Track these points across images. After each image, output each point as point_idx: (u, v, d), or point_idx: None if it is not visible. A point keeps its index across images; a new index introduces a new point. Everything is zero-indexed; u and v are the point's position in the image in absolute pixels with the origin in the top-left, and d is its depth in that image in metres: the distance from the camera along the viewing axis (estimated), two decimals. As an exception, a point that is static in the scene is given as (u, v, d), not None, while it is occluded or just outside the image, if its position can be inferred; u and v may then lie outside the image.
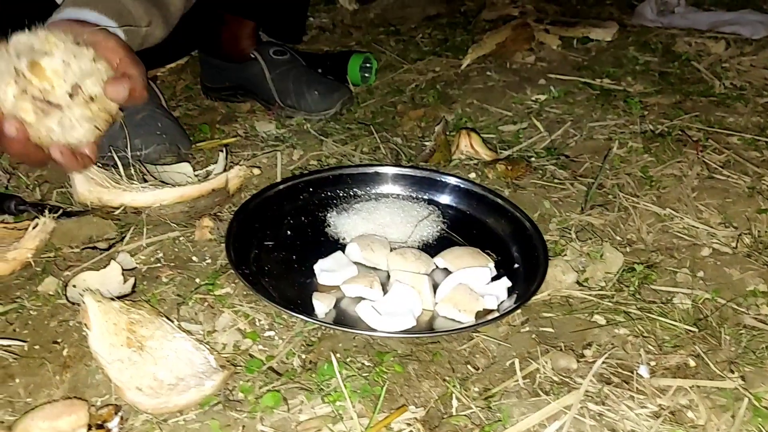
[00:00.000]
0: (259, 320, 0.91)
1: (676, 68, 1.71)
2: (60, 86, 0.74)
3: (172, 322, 0.85)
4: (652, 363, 0.83)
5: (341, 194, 1.17)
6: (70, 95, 0.74)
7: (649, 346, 0.86)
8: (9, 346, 0.83)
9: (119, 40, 0.83)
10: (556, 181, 1.22)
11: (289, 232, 1.07)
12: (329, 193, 1.16)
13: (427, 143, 1.38)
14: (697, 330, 0.88)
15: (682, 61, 1.75)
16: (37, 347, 0.85)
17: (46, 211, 0.99)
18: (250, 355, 0.85)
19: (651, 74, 1.68)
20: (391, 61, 1.84)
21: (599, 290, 0.96)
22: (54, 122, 0.75)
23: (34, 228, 0.96)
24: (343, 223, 1.09)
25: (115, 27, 0.86)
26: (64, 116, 0.75)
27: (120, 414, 0.73)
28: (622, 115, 1.46)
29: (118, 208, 1.05)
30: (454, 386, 0.80)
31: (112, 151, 1.15)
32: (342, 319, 0.90)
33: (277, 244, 1.04)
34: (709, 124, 1.41)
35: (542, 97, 1.57)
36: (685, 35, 1.90)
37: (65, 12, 0.85)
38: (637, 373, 0.81)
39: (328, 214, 1.12)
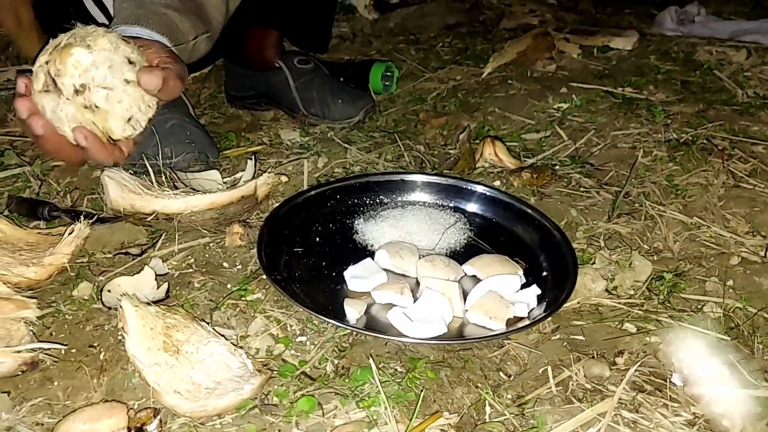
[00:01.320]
0: (291, 326, 0.91)
1: (697, 77, 1.71)
2: (71, 77, 0.75)
3: (207, 326, 0.86)
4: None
5: (368, 202, 1.18)
6: (75, 91, 0.75)
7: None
8: (47, 349, 0.84)
9: (164, 46, 0.85)
10: (581, 189, 1.23)
11: (317, 239, 1.08)
12: (356, 201, 1.17)
13: (451, 151, 1.39)
14: (729, 339, 0.88)
15: (704, 70, 1.75)
16: (74, 351, 0.86)
17: (81, 217, 1.00)
18: (283, 360, 0.86)
19: (673, 83, 1.68)
20: (412, 69, 1.86)
21: (629, 298, 0.96)
22: (48, 102, 0.76)
23: (69, 234, 0.97)
24: (370, 230, 1.10)
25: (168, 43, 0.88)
26: (57, 104, 0.76)
27: (159, 417, 0.74)
28: (645, 123, 1.47)
29: (150, 215, 1.06)
30: (487, 393, 0.80)
31: (144, 159, 1.17)
32: (373, 325, 0.91)
33: (306, 251, 1.05)
34: (733, 133, 1.41)
35: (564, 106, 1.57)
36: (705, 44, 1.90)
37: (118, 29, 0.87)
38: (670, 381, 0.81)
39: (356, 221, 1.13)
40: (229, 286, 0.98)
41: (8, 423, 0.76)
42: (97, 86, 0.75)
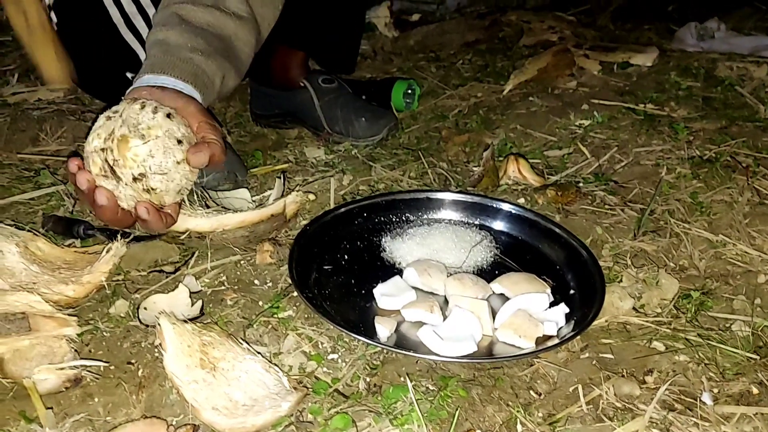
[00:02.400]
0: (322, 343, 0.93)
1: (719, 93, 1.72)
2: (131, 168, 0.83)
3: (241, 344, 0.88)
4: (715, 390, 0.84)
5: (394, 219, 1.19)
6: (134, 179, 0.83)
7: (711, 373, 0.87)
8: (89, 366, 0.86)
9: (198, 105, 0.90)
10: (606, 207, 1.24)
11: (346, 257, 1.10)
12: (383, 219, 1.19)
13: (474, 168, 1.41)
14: (758, 357, 0.89)
15: (725, 86, 1.75)
16: (112, 367, 0.88)
17: (119, 236, 1.03)
18: (316, 378, 0.87)
19: (694, 99, 1.69)
20: (433, 87, 1.88)
21: (656, 316, 0.97)
22: (106, 184, 0.84)
23: (107, 253, 1.00)
24: (398, 247, 1.12)
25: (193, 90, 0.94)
26: (117, 188, 0.84)
27: (198, 433, 0.76)
28: (667, 140, 1.47)
29: (183, 233, 1.09)
30: (518, 411, 0.81)
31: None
32: (404, 343, 0.92)
33: (335, 269, 1.07)
34: (756, 150, 1.41)
35: (586, 123, 1.59)
36: (726, 60, 1.90)
37: (145, 78, 0.91)
38: (700, 400, 0.82)
39: (383, 239, 1.14)
40: (260, 303, 1.00)
41: (52, 439, 0.78)
42: (153, 173, 0.84)
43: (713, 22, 2.15)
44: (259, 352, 0.88)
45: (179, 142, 0.85)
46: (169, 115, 0.85)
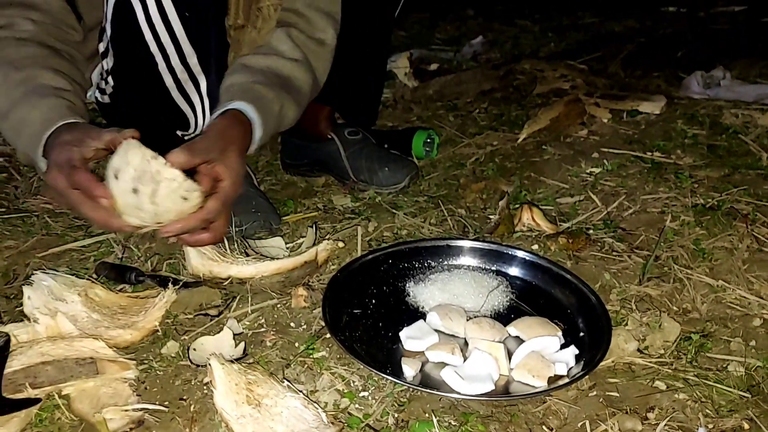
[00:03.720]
0: (354, 381, 1.03)
1: (723, 141, 1.81)
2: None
3: (282, 382, 0.98)
4: (710, 426, 0.92)
5: (417, 265, 1.30)
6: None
7: (707, 410, 0.95)
8: (150, 410, 0.96)
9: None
10: (614, 253, 1.33)
11: (373, 301, 1.20)
12: (407, 265, 1.29)
13: (491, 216, 1.51)
14: (750, 396, 0.97)
15: (730, 133, 1.84)
16: (166, 403, 0.99)
17: (170, 284, 1.14)
18: (349, 413, 0.97)
19: (699, 147, 1.78)
20: (451, 135, 1.99)
21: (659, 357, 1.06)
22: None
23: (160, 299, 1.11)
24: (421, 292, 1.21)
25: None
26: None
27: (246, 464, 0.86)
28: (673, 188, 1.56)
29: (226, 279, 1.20)
30: (532, 444, 0.90)
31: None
32: (428, 382, 1.01)
33: (363, 312, 1.17)
34: (757, 197, 1.50)
35: (596, 170, 1.68)
36: (731, 107, 2.00)
37: (224, 105, 1.14)
38: (697, 435, 0.90)
39: (407, 284, 1.24)
40: (297, 344, 1.10)
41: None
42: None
43: (719, 71, 2.25)
44: (298, 390, 0.98)
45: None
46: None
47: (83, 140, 1.00)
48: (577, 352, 1.05)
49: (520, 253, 1.28)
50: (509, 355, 1.05)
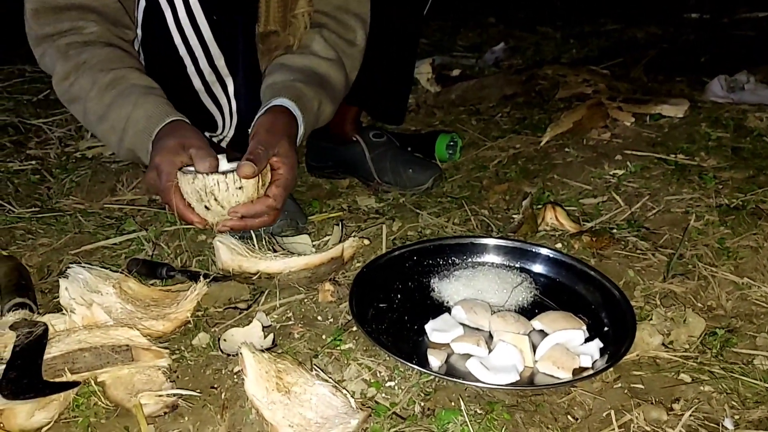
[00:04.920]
0: (380, 372, 1.05)
1: (748, 143, 1.80)
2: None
3: (311, 371, 1.00)
4: (736, 417, 0.93)
5: (441, 262, 1.31)
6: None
7: (733, 402, 0.96)
8: (183, 395, 0.99)
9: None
10: (638, 251, 1.33)
11: (399, 296, 1.22)
12: (431, 262, 1.31)
13: (514, 216, 1.52)
14: (777, 389, 0.97)
15: (754, 136, 1.84)
16: (198, 391, 1.01)
17: (201, 278, 1.17)
18: (376, 402, 0.98)
19: (724, 149, 1.77)
20: (474, 139, 2.01)
21: (684, 352, 1.06)
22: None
23: (191, 292, 1.14)
24: (445, 288, 1.23)
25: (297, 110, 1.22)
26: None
27: (276, 448, 0.88)
28: (697, 189, 1.56)
29: (254, 274, 1.23)
30: (557, 433, 0.91)
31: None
32: (453, 372, 1.03)
33: (389, 306, 1.19)
34: (782, 198, 1.50)
35: (620, 172, 1.69)
36: (755, 111, 1.99)
37: (267, 102, 1.22)
38: (722, 425, 0.91)
39: (432, 280, 1.26)
40: (324, 336, 1.13)
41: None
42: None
43: (743, 75, 2.24)
44: (327, 379, 1.00)
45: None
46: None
47: (185, 157, 1.11)
48: (601, 345, 1.06)
49: (544, 251, 1.30)
50: (534, 347, 1.06)
